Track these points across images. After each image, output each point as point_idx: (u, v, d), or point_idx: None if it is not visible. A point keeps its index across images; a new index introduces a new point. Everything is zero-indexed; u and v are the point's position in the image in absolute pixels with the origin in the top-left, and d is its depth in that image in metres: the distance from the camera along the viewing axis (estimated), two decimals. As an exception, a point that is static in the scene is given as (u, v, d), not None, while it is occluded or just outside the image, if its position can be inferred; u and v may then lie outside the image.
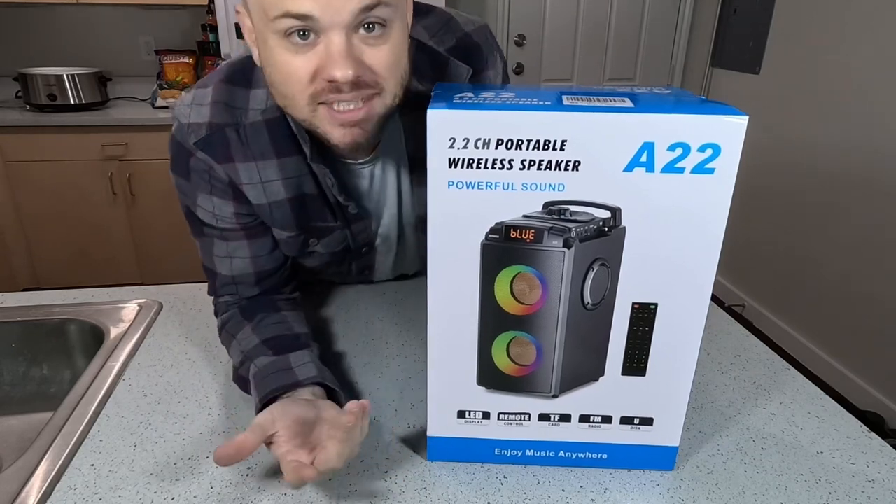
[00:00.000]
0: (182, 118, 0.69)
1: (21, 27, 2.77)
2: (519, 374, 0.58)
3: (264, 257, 0.77)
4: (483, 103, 0.49)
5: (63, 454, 0.63)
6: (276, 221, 0.75)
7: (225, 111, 0.68)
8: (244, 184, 0.70)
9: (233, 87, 0.68)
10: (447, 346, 0.57)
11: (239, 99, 0.68)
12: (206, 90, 0.69)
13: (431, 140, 0.49)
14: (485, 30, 0.78)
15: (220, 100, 0.68)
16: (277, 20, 0.55)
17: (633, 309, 0.55)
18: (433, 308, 0.56)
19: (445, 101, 0.49)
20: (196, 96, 0.69)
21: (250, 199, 0.72)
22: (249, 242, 0.76)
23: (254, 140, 0.69)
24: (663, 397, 0.59)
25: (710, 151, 0.48)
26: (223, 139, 0.68)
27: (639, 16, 3.08)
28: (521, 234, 0.52)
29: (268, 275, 0.79)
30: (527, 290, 0.54)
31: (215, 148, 0.68)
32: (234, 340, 0.74)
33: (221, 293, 0.79)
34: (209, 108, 0.68)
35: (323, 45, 0.56)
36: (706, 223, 0.51)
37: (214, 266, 0.77)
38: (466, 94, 0.52)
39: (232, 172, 0.70)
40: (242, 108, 0.68)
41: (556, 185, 0.50)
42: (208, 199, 0.72)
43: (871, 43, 2.06)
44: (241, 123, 0.68)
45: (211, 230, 0.75)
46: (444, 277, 0.54)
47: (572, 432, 0.61)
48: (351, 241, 0.82)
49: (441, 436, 0.62)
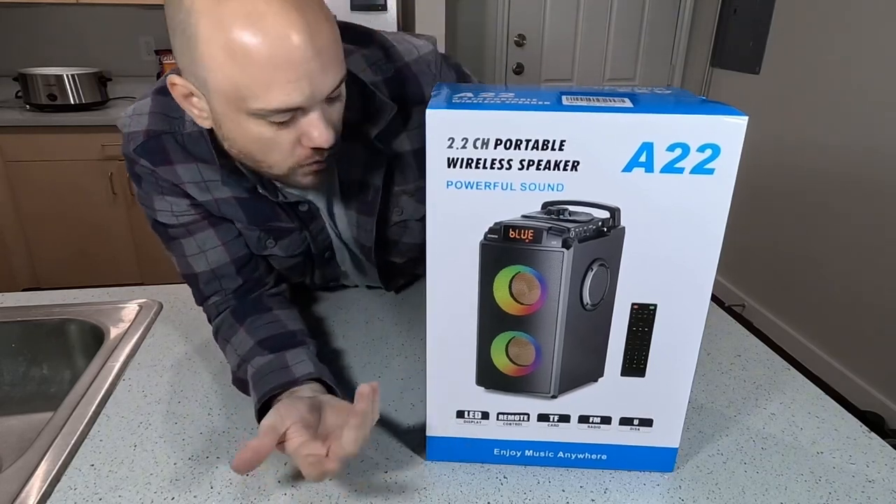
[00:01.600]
0: (124, 129, 0.72)
1: (21, 27, 2.77)
2: (518, 375, 0.58)
3: (233, 241, 0.78)
4: (482, 103, 0.49)
5: (63, 454, 0.63)
6: (228, 214, 0.76)
7: (162, 120, 0.71)
8: (185, 183, 0.72)
9: (168, 98, 0.69)
10: (446, 345, 0.57)
11: (175, 109, 0.70)
12: (145, 101, 0.72)
13: (430, 140, 0.49)
14: (427, 57, 0.75)
15: (157, 110, 0.71)
16: (259, 111, 0.56)
17: (633, 309, 0.55)
18: (432, 308, 0.56)
19: (444, 101, 0.49)
20: (136, 108, 0.72)
21: (194, 196, 0.74)
22: (215, 230, 0.76)
23: (192, 146, 0.71)
24: (663, 398, 0.58)
25: (710, 152, 0.48)
26: (160, 145, 0.71)
27: (639, 16, 3.08)
28: (519, 234, 0.52)
29: (245, 261, 0.79)
30: (526, 291, 0.54)
31: (153, 153, 0.71)
32: (228, 345, 0.74)
33: (207, 293, 0.79)
34: (147, 117, 0.71)
35: (303, 120, 0.59)
36: (706, 224, 0.51)
37: (192, 268, 0.77)
38: (465, 94, 0.52)
39: (171, 175, 0.72)
40: (179, 118, 0.71)
41: (555, 186, 0.50)
42: (162, 199, 0.74)
43: (871, 43, 2.06)
44: (178, 132, 0.71)
45: (176, 230, 0.76)
46: (443, 277, 0.54)
47: (571, 433, 0.61)
48: (311, 242, 0.81)
49: (440, 436, 0.62)
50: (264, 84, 0.54)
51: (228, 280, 0.78)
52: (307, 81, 0.55)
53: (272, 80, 0.54)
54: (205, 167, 0.72)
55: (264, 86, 0.54)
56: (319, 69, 0.55)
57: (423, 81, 0.74)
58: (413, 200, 0.79)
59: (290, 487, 0.59)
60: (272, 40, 0.52)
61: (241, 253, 0.78)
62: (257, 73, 0.53)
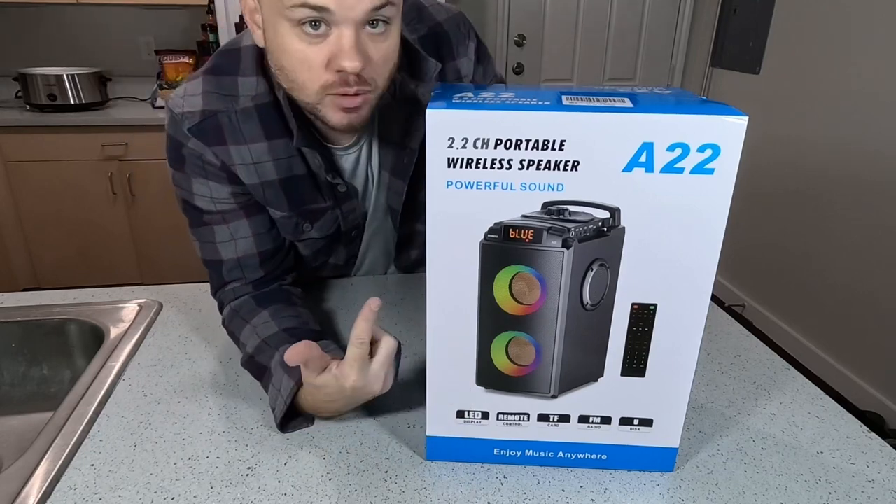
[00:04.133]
0: (176, 108, 0.73)
1: (21, 27, 2.77)
2: (518, 375, 0.58)
3: (265, 234, 0.80)
4: (482, 103, 0.49)
5: (63, 454, 0.63)
6: (270, 201, 0.77)
7: (216, 99, 0.72)
8: (236, 164, 0.74)
9: (220, 77, 0.72)
10: (446, 345, 0.57)
11: (227, 87, 0.72)
12: (196, 81, 0.73)
13: (430, 139, 0.49)
14: (457, 18, 0.79)
15: (211, 89, 0.72)
16: (293, 9, 0.58)
17: (633, 309, 0.55)
18: (432, 308, 0.56)
19: (445, 101, 0.49)
20: (187, 89, 0.73)
21: (242, 179, 0.75)
22: (249, 221, 0.78)
23: (245, 124, 0.72)
24: (663, 398, 0.58)
25: (710, 152, 0.48)
26: (216, 124, 0.72)
27: (639, 16, 3.08)
28: (519, 234, 0.52)
29: (271, 255, 0.81)
30: (526, 291, 0.54)
31: (208, 133, 0.72)
32: (247, 325, 0.75)
33: (227, 279, 0.80)
34: (201, 97, 0.72)
35: (334, 36, 0.59)
36: (706, 223, 0.51)
37: (219, 254, 0.79)
38: (466, 94, 0.52)
39: (224, 155, 0.73)
40: (232, 94, 0.72)
41: (556, 186, 0.50)
42: (204, 183, 0.75)
43: (872, 43, 2.06)
44: (232, 109, 0.72)
45: (211, 216, 0.77)
46: (444, 277, 0.54)
47: (571, 433, 0.61)
48: (342, 221, 0.84)
49: (440, 435, 0.62)
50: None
51: (251, 270, 0.80)
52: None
53: None
54: (254, 147, 0.73)
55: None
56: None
57: (455, 40, 0.77)
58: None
59: (290, 487, 0.59)
60: None
61: (268, 247, 0.81)
62: None
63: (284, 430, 0.67)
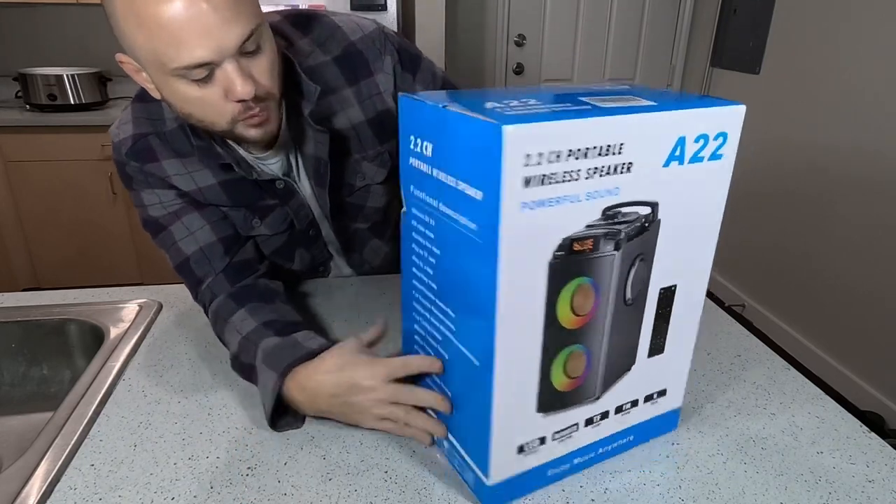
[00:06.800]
0: (115, 137, 0.80)
1: (21, 27, 2.77)
2: (571, 388, 0.55)
3: (220, 221, 0.83)
4: (546, 114, 0.45)
5: (63, 454, 0.63)
6: (213, 200, 0.81)
7: (145, 123, 0.79)
8: (172, 176, 0.79)
9: (147, 104, 0.79)
10: (514, 378, 0.51)
11: (154, 112, 0.78)
12: (127, 111, 0.80)
13: (507, 160, 0.42)
14: (372, 35, 0.81)
15: (140, 115, 0.79)
16: (177, 70, 0.62)
17: (660, 294, 0.56)
18: (502, 342, 0.49)
19: (501, 116, 0.43)
20: (120, 119, 0.81)
21: (181, 188, 0.80)
22: (200, 213, 0.82)
23: (174, 141, 0.78)
24: (675, 367, 0.63)
25: (721, 139, 0.52)
26: (146, 146, 0.79)
27: (639, 16, 3.08)
28: (583, 245, 0.49)
29: (232, 241, 0.83)
30: (583, 302, 0.52)
31: (141, 153, 0.79)
32: (228, 324, 0.77)
33: (199, 275, 0.82)
34: (131, 124, 0.79)
35: (221, 75, 0.64)
36: (714, 204, 0.55)
37: (183, 252, 0.81)
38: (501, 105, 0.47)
39: (158, 170, 0.79)
40: (160, 118, 0.78)
41: (613, 190, 0.48)
42: (151, 193, 0.81)
43: (872, 43, 2.06)
44: (160, 131, 0.78)
45: (165, 218, 0.81)
46: (515, 308, 0.48)
47: (611, 426, 0.61)
48: (294, 218, 0.87)
49: (502, 480, 0.56)
50: (173, 44, 0.60)
51: (217, 259, 0.82)
52: (209, 37, 0.60)
53: (179, 40, 0.59)
54: (187, 160, 0.79)
55: (174, 46, 0.60)
56: (220, 23, 0.60)
57: (370, 57, 0.81)
58: (374, 165, 0.87)
59: (290, 487, 0.59)
60: (171, 5, 0.58)
61: (227, 233, 0.83)
62: (165, 36, 0.59)
63: (275, 428, 0.67)
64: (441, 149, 0.49)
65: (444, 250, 0.53)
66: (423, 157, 0.52)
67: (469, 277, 0.49)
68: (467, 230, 0.48)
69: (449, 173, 0.49)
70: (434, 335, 0.59)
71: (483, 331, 0.50)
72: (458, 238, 0.50)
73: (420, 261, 0.57)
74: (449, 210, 0.50)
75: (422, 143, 0.52)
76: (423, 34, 2.57)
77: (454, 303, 0.53)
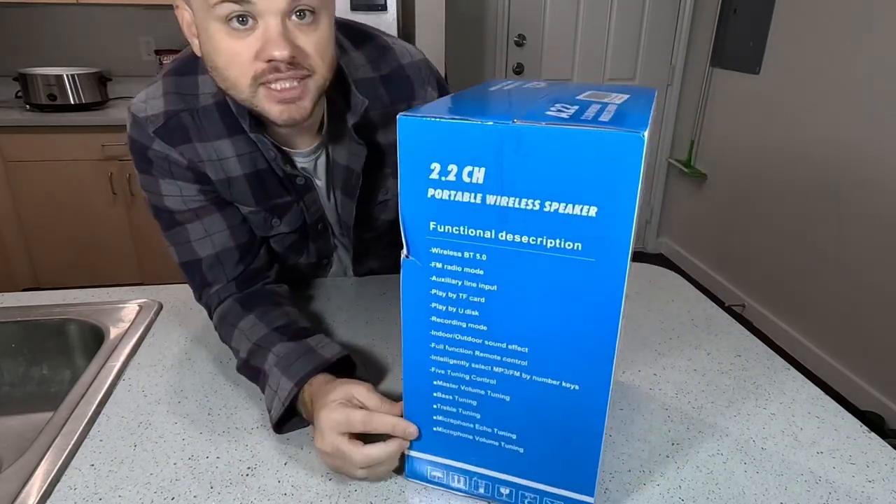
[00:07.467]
0: (140, 113, 0.74)
1: (21, 27, 2.77)
2: None
3: (239, 227, 0.81)
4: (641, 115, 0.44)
5: (63, 454, 0.63)
6: (237, 197, 0.79)
7: (178, 99, 0.74)
8: (204, 161, 0.75)
9: (180, 77, 0.74)
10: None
11: (188, 86, 0.74)
12: (157, 84, 0.75)
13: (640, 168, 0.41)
14: (419, 64, 0.83)
15: (171, 90, 0.74)
16: (218, 6, 0.60)
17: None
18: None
19: (621, 124, 0.41)
20: (148, 93, 0.75)
21: (210, 175, 0.77)
22: (222, 214, 0.79)
23: (207, 121, 0.74)
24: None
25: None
26: (179, 124, 0.74)
27: (639, 16, 3.08)
28: None
29: (248, 247, 0.82)
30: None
31: (173, 133, 0.74)
32: (236, 330, 0.75)
33: (210, 279, 0.80)
34: (162, 99, 0.74)
35: (261, 29, 0.61)
36: None
37: (196, 253, 0.79)
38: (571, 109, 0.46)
39: (191, 153, 0.75)
40: (193, 93, 0.74)
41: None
42: (173, 184, 0.76)
43: (872, 43, 2.06)
44: (194, 108, 0.74)
45: (182, 215, 0.78)
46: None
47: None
48: (306, 213, 0.85)
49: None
50: None
51: (231, 266, 0.80)
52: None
53: None
54: (218, 144, 0.75)
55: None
56: None
57: (416, 83, 0.81)
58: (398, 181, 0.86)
59: (290, 487, 0.59)
60: None
61: (244, 239, 0.82)
62: None
63: (280, 431, 0.66)
64: (510, 171, 0.44)
65: (506, 284, 0.48)
66: (467, 185, 0.46)
67: (568, 303, 0.47)
68: (566, 252, 0.45)
69: (526, 196, 0.45)
70: (481, 381, 0.53)
71: (594, 353, 0.48)
72: (540, 265, 0.46)
73: (450, 306, 0.51)
74: (523, 237, 0.46)
75: (459, 169, 0.46)
76: (423, 34, 2.57)
77: (527, 336, 0.49)
